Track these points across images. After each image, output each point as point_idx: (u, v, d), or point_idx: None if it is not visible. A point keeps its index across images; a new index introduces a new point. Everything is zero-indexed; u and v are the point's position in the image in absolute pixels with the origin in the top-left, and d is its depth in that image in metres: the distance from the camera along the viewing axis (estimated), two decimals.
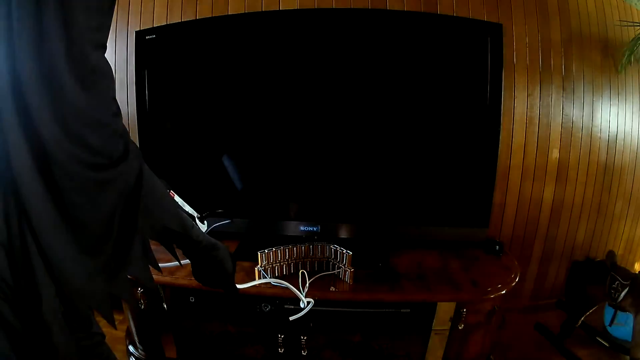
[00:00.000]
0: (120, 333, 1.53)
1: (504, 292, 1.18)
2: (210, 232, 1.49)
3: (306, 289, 1.10)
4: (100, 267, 0.55)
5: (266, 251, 1.16)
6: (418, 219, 1.39)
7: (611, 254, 1.50)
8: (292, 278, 1.19)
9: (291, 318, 1.05)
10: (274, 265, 1.18)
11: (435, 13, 1.49)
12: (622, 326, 1.61)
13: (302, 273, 1.14)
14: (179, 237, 0.67)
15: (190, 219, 0.70)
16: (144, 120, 1.36)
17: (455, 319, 1.17)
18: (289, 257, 1.20)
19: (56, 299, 0.53)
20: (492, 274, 1.24)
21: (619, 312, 1.59)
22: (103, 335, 0.66)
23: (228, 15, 1.50)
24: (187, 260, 0.75)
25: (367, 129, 1.33)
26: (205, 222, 1.25)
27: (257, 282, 1.12)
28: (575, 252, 1.86)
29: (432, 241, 1.44)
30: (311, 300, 1.07)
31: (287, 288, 1.11)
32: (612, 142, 1.75)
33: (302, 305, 1.07)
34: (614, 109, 1.73)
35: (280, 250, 1.18)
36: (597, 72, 1.67)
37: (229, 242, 1.41)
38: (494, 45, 1.23)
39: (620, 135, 1.76)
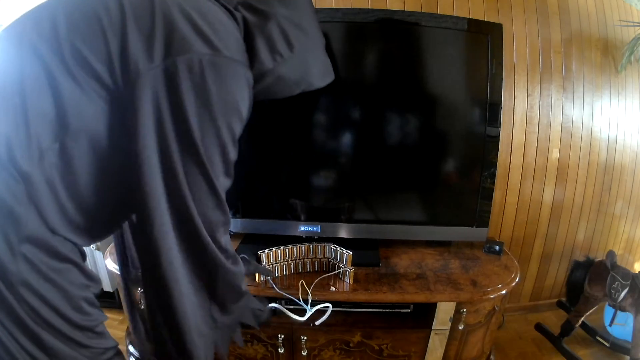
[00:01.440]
0: (120, 333, 1.53)
1: (504, 292, 1.18)
2: None
3: (310, 300, 1.09)
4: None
5: (266, 251, 1.16)
6: (418, 218, 1.39)
7: (611, 254, 1.49)
8: (292, 278, 1.19)
9: (317, 322, 1.06)
10: (274, 265, 1.18)
11: (435, 13, 1.50)
12: (622, 326, 1.61)
13: (302, 283, 1.12)
14: None
15: None
16: None
17: (455, 319, 1.17)
18: (289, 257, 1.20)
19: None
20: (492, 274, 1.24)
21: (619, 312, 1.58)
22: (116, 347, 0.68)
23: None
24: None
25: (366, 129, 1.33)
26: None
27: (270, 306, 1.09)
28: (575, 252, 1.86)
29: (432, 241, 1.44)
30: (329, 305, 1.07)
31: (290, 292, 1.11)
32: (612, 142, 1.75)
33: (306, 316, 1.06)
34: (614, 109, 1.73)
35: (281, 250, 1.18)
36: (597, 72, 1.67)
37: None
38: (494, 45, 1.23)
39: (620, 135, 1.76)
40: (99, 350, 0.60)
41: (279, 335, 1.19)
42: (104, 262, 1.23)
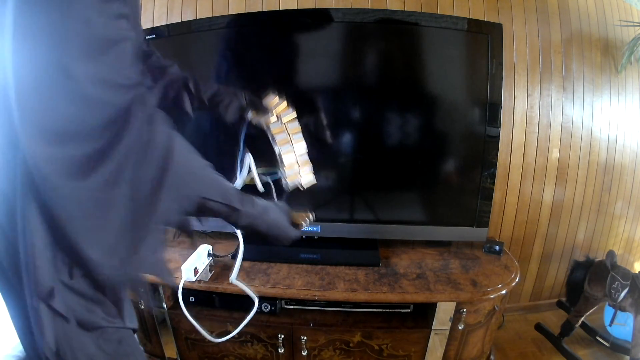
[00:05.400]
0: None
1: (504, 292, 1.18)
2: (210, 233, 1.49)
3: None
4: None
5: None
6: (418, 218, 1.39)
7: (611, 254, 1.49)
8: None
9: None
10: None
11: (435, 13, 1.50)
12: (622, 326, 1.61)
13: None
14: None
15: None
16: None
17: (455, 319, 1.17)
18: None
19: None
20: (492, 274, 1.24)
21: (619, 312, 1.58)
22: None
23: (228, 15, 1.50)
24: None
25: (367, 129, 1.33)
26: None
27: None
28: (575, 252, 1.86)
29: (432, 241, 1.44)
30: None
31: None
32: (612, 142, 1.75)
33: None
34: (614, 109, 1.73)
35: None
36: (597, 72, 1.67)
37: (228, 242, 1.42)
38: (494, 45, 1.23)
39: (620, 135, 1.76)
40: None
41: (279, 335, 1.19)
42: None
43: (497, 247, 1.39)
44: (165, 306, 1.24)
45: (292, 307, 1.25)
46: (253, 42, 1.30)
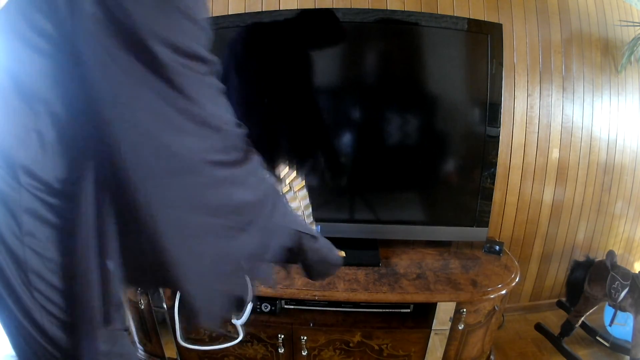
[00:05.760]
0: None
1: (504, 292, 1.18)
2: None
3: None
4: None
5: None
6: (418, 218, 1.39)
7: (611, 254, 1.49)
8: None
9: None
10: None
11: (435, 13, 1.50)
12: (622, 326, 1.61)
13: None
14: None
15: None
16: None
17: (455, 319, 1.17)
18: None
19: None
20: (492, 274, 1.24)
21: (619, 312, 1.58)
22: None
23: (228, 15, 1.50)
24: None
25: (367, 129, 1.33)
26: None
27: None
28: (575, 252, 1.86)
29: (432, 241, 1.44)
30: None
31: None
32: (612, 142, 1.75)
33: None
34: (614, 109, 1.73)
35: None
36: (597, 72, 1.67)
37: None
38: (494, 45, 1.23)
39: (620, 135, 1.76)
40: None
41: (279, 335, 1.19)
42: None
43: (497, 247, 1.39)
44: (165, 306, 1.24)
45: (292, 307, 1.25)
46: (253, 42, 1.30)
